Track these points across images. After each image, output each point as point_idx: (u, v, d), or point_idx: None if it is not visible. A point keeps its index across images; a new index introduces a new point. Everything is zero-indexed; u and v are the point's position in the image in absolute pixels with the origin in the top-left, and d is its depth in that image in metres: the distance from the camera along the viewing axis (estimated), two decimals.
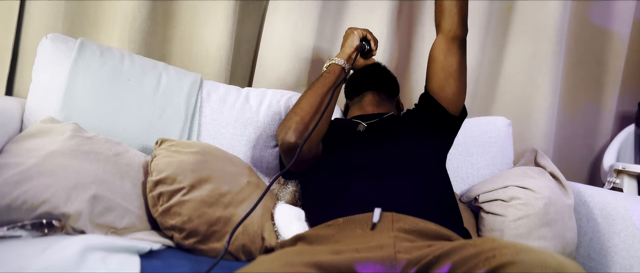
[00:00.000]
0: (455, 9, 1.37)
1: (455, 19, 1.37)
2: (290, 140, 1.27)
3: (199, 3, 1.80)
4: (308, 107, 1.31)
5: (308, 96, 1.34)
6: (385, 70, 1.66)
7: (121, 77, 1.42)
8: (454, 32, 1.37)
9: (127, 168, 1.19)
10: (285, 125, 1.30)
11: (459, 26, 1.37)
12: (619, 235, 1.43)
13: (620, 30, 2.24)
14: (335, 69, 1.39)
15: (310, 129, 1.27)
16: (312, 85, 1.37)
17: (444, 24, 1.39)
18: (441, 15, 1.40)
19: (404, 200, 1.21)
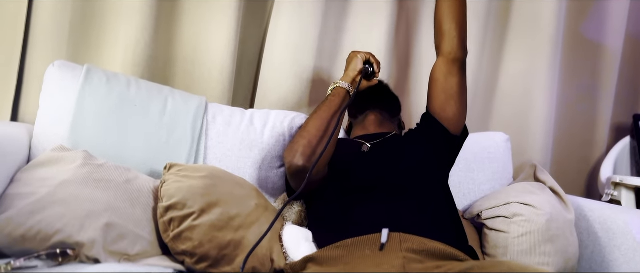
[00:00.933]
0: (455, 32, 1.40)
1: (455, 42, 1.40)
2: (298, 163, 1.29)
3: (201, 26, 1.82)
4: (315, 131, 1.33)
5: (314, 120, 1.36)
6: (387, 90, 1.69)
7: (128, 102, 1.44)
8: (454, 55, 1.41)
9: (137, 195, 1.21)
10: (292, 149, 1.32)
11: (459, 49, 1.41)
12: (619, 248, 1.45)
13: (612, 44, 2.29)
14: (341, 92, 1.41)
15: (318, 153, 1.29)
16: (318, 109, 1.39)
17: (444, 47, 1.42)
18: (441, 38, 1.44)
19: (410, 220, 1.23)
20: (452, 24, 1.41)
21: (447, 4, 1.42)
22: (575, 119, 2.32)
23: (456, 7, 1.42)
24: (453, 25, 1.41)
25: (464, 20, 1.43)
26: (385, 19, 1.97)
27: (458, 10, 1.42)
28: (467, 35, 1.43)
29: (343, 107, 1.39)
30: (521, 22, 2.16)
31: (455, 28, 1.41)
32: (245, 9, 1.90)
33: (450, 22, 1.41)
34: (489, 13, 2.09)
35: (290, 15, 1.87)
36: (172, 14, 1.81)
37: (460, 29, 1.41)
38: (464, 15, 1.44)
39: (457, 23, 1.41)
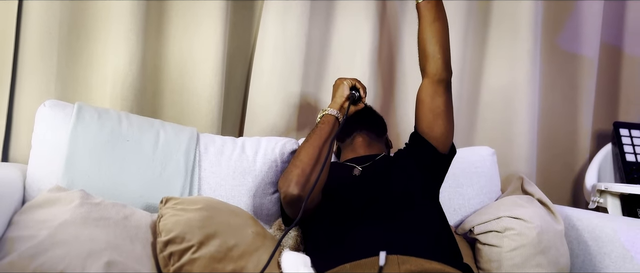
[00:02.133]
0: (439, 54, 1.44)
1: (439, 63, 1.44)
2: (293, 193, 1.31)
3: (187, 55, 1.84)
4: (307, 159, 1.35)
5: (306, 148, 1.38)
6: (371, 111, 1.72)
7: (120, 138, 1.45)
8: (439, 76, 1.45)
9: (136, 231, 1.22)
10: (287, 178, 1.34)
11: (444, 70, 1.45)
12: (609, 256, 1.49)
13: (589, 53, 2.35)
14: (330, 120, 1.44)
15: (312, 181, 1.31)
16: (309, 137, 1.41)
17: (429, 69, 1.46)
18: (425, 60, 1.47)
19: (406, 241, 1.26)
20: (435, 46, 1.45)
21: (430, 27, 1.46)
22: (558, 129, 2.37)
23: (439, 29, 1.46)
24: (436, 48, 1.45)
25: (446, 42, 1.47)
26: (367, 44, 2.01)
27: (441, 33, 1.46)
28: (450, 55, 1.47)
29: (333, 134, 1.41)
30: (499, 37, 2.21)
31: (439, 50, 1.45)
32: (230, 37, 1.93)
33: (434, 45, 1.45)
34: (467, 29, 2.15)
35: (275, 41, 1.90)
36: (158, 45, 1.83)
37: (443, 50, 1.45)
38: (447, 37, 1.48)
39: (440, 45, 1.45)
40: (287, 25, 1.90)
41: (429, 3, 1.46)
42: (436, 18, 1.46)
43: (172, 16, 1.84)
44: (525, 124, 2.17)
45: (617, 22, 2.52)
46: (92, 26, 1.75)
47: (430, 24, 1.46)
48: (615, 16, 2.51)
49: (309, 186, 1.31)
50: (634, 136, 2.24)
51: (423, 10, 1.47)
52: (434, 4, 1.46)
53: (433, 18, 1.46)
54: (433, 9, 1.46)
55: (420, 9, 1.48)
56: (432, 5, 1.46)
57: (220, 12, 1.81)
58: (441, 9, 1.48)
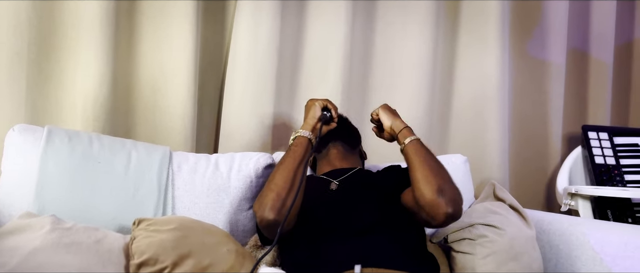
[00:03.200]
0: (441, 197, 1.30)
1: (443, 208, 1.29)
2: (269, 217, 1.31)
3: (159, 73, 1.84)
4: (282, 183, 1.35)
5: (281, 171, 1.38)
6: (346, 122, 1.74)
7: (92, 160, 1.44)
8: (445, 221, 1.32)
9: (108, 255, 1.21)
10: (262, 203, 1.33)
11: (453, 215, 1.30)
12: (580, 259, 1.52)
13: (556, 59, 2.41)
14: (303, 142, 1.44)
15: (288, 205, 1.31)
16: (283, 160, 1.41)
17: (435, 217, 1.31)
18: (427, 210, 1.31)
19: (381, 254, 1.27)
20: (434, 187, 1.30)
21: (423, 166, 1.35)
22: (529, 134, 2.42)
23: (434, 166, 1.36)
24: (435, 188, 1.30)
25: (447, 176, 1.36)
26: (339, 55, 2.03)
27: (439, 169, 1.36)
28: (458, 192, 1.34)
29: (307, 157, 1.42)
30: (469, 46, 2.26)
31: (441, 189, 1.30)
32: (202, 52, 1.93)
33: (432, 186, 1.31)
34: (436, 39, 2.18)
35: (247, 55, 1.91)
36: (128, 63, 1.82)
37: (448, 188, 1.32)
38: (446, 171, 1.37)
39: (442, 182, 1.32)
40: (258, 38, 1.91)
41: (418, 143, 1.41)
42: (428, 156, 1.38)
43: (142, 33, 1.83)
44: (497, 131, 2.21)
45: (583, 28, 2.58)
46: (61, 46, 1.73)
47: (424, 162, 1.36)
48: (581, 21, 2.57)
49: (285, 210, 1.31)
50: (601, 138, 2.29)
51: (411, 150, 1.39)
52: (420, 143, 1.42)
53: (425, 156, 1.37)
54: (422, 148, 1.40)
55: (408, 152, 1.39)
56: (420, 145, 1.41)
57: (191, 27, 1.81)
58: (428, 149, 1.41)
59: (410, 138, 1.41)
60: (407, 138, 1.42)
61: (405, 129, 1.46)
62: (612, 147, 2.29)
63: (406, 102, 2.14)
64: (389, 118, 1.51)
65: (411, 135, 1.43)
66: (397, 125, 1.48)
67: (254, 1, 1.90)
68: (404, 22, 2.17)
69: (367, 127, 2.13)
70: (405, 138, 1.43)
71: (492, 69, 2.20)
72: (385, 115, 1.52)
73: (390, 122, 1.50)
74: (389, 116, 1.51)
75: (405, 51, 2.17)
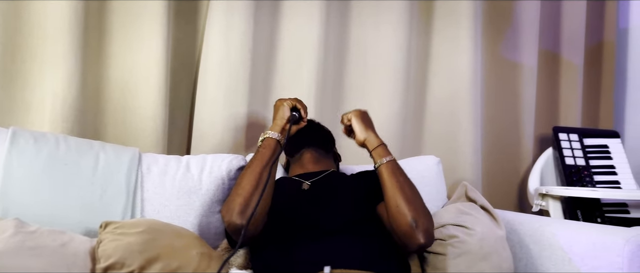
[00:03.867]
0: (415, 226, 1.31)
1: (418, 237, 1.31)
2: (236, 222, 1.29)
3: (129, 74, 1.81)
4: (249, 187, 1.34)
5: (248, 175, 1.37)
6: (319, 127, 1.73)
7: (58, 162, 1.41)
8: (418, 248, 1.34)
9: (74, 259, 1.18)
10: (229, 207, 1.32)
11: (424, 243, 1.32)
12: (549, 259, 1.54)
13: (528, 61, 2.44)
14: (271, 143, 1.43)
15: (253, 208, 1.30)
16: (251, 163, 1.40)
17: (408, 243, 1.33)
18: (402, 236, 1.33)
19: (352, 255, 1.27)
20: (411, 213, 1.33)
21: (401, 192, 1.36)
22: (501, 135, 2.45)
23: (409, 193, 1.36)
24: (411, 214, 1.32)
25: (421, 203, 1.37)
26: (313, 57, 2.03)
27: (414, 194, 1.37)
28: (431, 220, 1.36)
29: (274, 158, 1.41)
30: (441, 48, 2.27)
31: (416, 217, 1.32)
32: (174, 53, 1.91)
33: (411, 212, 1.33)
34: (410, 41, 2.19)
35: (220, 56, 1.89)
36: (98, 64, 1.79)
37: (422, 215, 1.33)
38: (420, 198, 1.38)
39: (417, 211, 1.33)
40: (231, 38, 1.89)
41: (393, 164, 1.40)
42: (402, 181, 1.38)
43: (112, 33, 1.80)
44: (470, 132, 2.23)
45: (554, 30, 2.62)
46: (28, 46, 1.69)
47: (399, 189, 1.35)
48: (552, 24, 2.61)
49: (250, 214, 1.30)
50: (572, 140, 2.33)
51: (385, 172, 1.39)
52: (396, 164, 1.41)
53: (399, 181, 1.37)
54: (397, 170, 1.40)
55: (382, 173, 1.39)
56: (396, 166, 1.40)
57: (162, 28, 1.79)
58: (402, 171, 1.41)
59: (385, 159, 1.41)
60: (382, 158, 1.41)
61: (380, 147, 1.44)
62: (582, 148, 2.32)
63: (380, 103, 2.15)
64: (363, 131, 1.49)
65: (387, 154, 1.42)
66: (372, 140, 1.47)
67: (226, 1, 1.88)
68: (377, 22, 2.17)
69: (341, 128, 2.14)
70: (379, 157, 1.42)
71: (464, 69, 2.22)
72: (359, 125, 1.50)
73: (365, 135, 1.48)
74: (363, 128, 1.50)
75: (379, 52, 2.17)
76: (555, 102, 2.63)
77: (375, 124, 2.09)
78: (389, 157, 1.41)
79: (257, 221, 1.32)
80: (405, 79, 2.18)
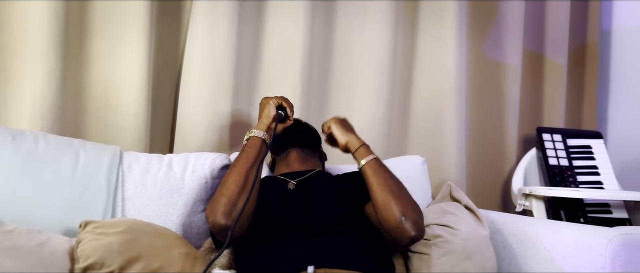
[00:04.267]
0: (404, 220, 1.31)
1: (407, 231, 1.30)
2: (220, 222, 1.27)
3: (111, 71, 1.79)
4: (234, 187, 1.32)
5: (233, 175, 1.34)
6: (306, 126, 1.72)
7: (37, 160, 1.39)
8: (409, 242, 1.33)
9: (51, 258, 1.16)
10: (214, 208, 1.29)
11: (415, 236, 1.31)
12: (533, 258, 1.54)
13: (512, 61, 2.45)
14: (257, 142, 1.41)
15: (239, 209, 1.28)
16: (236, 162, 1.37)
17: (398, 238, 1.33)
18: (392, 231, 1.33)
19: (335, 255, 1.26)
20: (397, 209, 1.31)
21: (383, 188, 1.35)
22: (485, 135, 2.45)
23: (395, 188, 1.36)
24: (398, 209, 1.31)
25: (408, 197, 1.36)
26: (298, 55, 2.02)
27: (399, 190, 1.36)
28: (420, 213, 1.34)
29: (260, 158, 1.39)
30: (427, 49, 2.27)
31: (404, 212, 1.31)
32: (156, 50, 1.88)
33: (396, 208, 1.32)
34: (396, 41, 2.19)
35: (204, 54, 1.87)
36: (79, 61, 1.76)
37: (411, 210, 1.32)
38: (406, 192, 1.37)
39: (403, 205, 1.32)
40: (215, 37, 1.87)
41: (376, 163, 1.39)
42: (387, 177, 1.37)
43: (94, 31, 1.78)
44: (455, 132, 2.23)
45: (538, 30, 2.63)
46: (6, 44, 1.66)
47: (385, 185, 1.35)
48: (537, 24, 2.62)
49: (237, 214, 1.28)
50: (555, 140, 2.34)
51: (369, 171, 1.38)
52: (378, 162, 1.40)
53: (384, 178, 1.36)
54: (380, 168, 1.39)
55: (366, 173, 1.38)
56: (379, 164, 1.39)
57: (145, 25, 1.77)
58: (386, 168, 1.40)
59: (367, 159, 1.40)
60: (364, 157, 1.40)
61: (362, 147, 1.43)
62: (566, 148, 2.34)
63: (366, 103, 2.15)
64: (343, 134, 1.48)
65: (369, 154, 1.41)
66: (353, 142, 1.45)
67: (210, 0, 1.86)
68: (363, 22, 2.17)
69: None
70: (362, 157, 1.41)
71: (450, 69, 2.22)
72: (339, 130, 1.49)
73: (346, 138, 1.47)
74: (343, 131, 1.49)
75: (365, 51, 2.17)
76: (539, 103, 2.64)
77: (361, 123, 2.11)
78: (371, 156, 1.40)
79: (242, 222, 1.31)
80: (391, 79, 2.18)
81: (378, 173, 1.37)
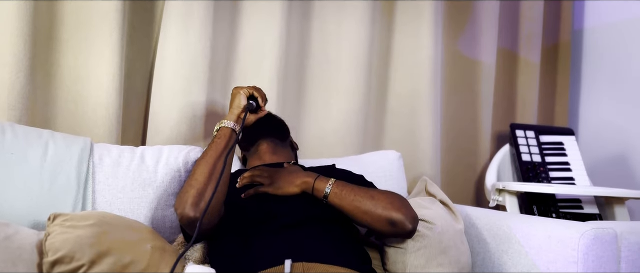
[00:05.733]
0: (390, 224, 1.33)
1: (398, 228, 1.34)
2: (189, 214, 1.26)
3: (82, 62, 1.74)
4: (203, 178, 1.30)
5: (202, 166, 1.32)
6: (271, 116, 1.70)
7: (3, 151, 1.34)
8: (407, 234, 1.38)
9: (19, 252, 1.12)
10: (182, 199, 1.28)
11: (409, 230, 1.35)
12: (506, 252, 1.56)
13: (487, 59, 2.47)
14: (226, 133, 1.39)
15: (207, 199, 1.26)
16: (205, 153, 1.35)
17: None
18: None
19: (312, 248, 1.25)
20: (381, 218, 1.33)
21: (360, 208, 1.34)
22: (459, 131, 2.47)
23: (369, 205, 1.34)
24: (384, 219, 1.33)
25: (389, 201, 1.35)
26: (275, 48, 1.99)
27: (376, 203, 1.34)
28: (408, 207, 1.36)
29: (230, 147, 1.37)
30: (403, 45, 2.28)
31: (389, 220, 1.33)
32: (128, 40, 1.84)
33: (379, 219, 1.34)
34: (372, 36, 2.18)
35: (177, 45, 1.83)
36: (48, 50, 1.71)
37: (395, 214, 1.33)
38: (386, 198, 1.36)
39: (385, 213, 1.33)
40: (190, 28, 1.83)
41: (337, 187, 1.36)
42: (354, 195, 1.34)
43: (63, 18, 1.72)
44: (429, 128, 2.24)
45: (512, 28, 2.66)
46: None
47: (358, 207, 1.33)
48: (511, 22, 2.65)
49: (204, 206, 1.26)
50: (528, 137, 2.37)
51: (335, 200, 1.35)
52: (338, 185, 1.36)
53: (350, 199, 1.34)
54: (343, 191, 1.35)
55: (334, 202, 1.35)
56: (340, 187, 1.36)
57: (117, 14, 1.72)
58: (349, 187, 1.37)
59: (327, 189, 1.35)
60: (323, 189, 1.36)
61: (317, 181, 1.38)
62: (538, 145, 2.37)
63: (342, 97, 2.14)
64: (290, 184, 1.41)
65: (324, 183, 1.37)
66: (306, 181, 1.39)
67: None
68: (340, 17, 2.16)
69: (305, 119, 2.12)
70: (321, 192, 1.36)
71: (425, 65, 2.23)
72: (286, 183, 1.41)
73: (299, 182, 1.39)
74: (289, 181, 1.41)
75: (342, 46, 2.15)
76: (513, 100, 2.67)
77: (337, 118, 2.10)
78: (328, 185, 1.36)
79: (211, 214, 1.28)
80: (367, 74, 2.17)
81: (346, 198, 1.34)
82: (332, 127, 2.14)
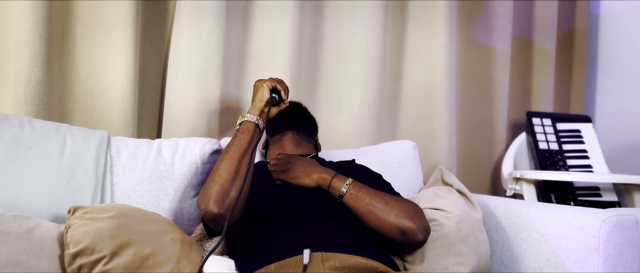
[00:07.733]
0: (405, 232, 1.31)
1: (413, 237, 1.31)
2: (212, 210, 1.26)
3: (97, 56, 1.74)
4: (226, 174, 1.30)
5: (226, 161, 1.32)
6: (305, 112, 1.70)
7: (22, 145, 1.35)
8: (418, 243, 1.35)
9: (41, 244, 1.13)
10: (206, 195, 1.28)
11: (421, 239, 1.32)
12: (525, 241, 1.55)
13: (501, 47, 2.44)
14: (250, 127, 1.38)
15: (233, 198, 1.26)
16: (228, 148, 1.35)
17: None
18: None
19: (330, 238, 1.25)
20: (396, 226, 1.31)
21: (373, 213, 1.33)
22: (475, 120, 2.45)
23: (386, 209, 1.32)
24: (397, 227, 1.31)
25: (403, 208, 1.33)
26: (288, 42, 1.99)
27: (392, 209, 1.32)
28: (420, 216, 1.33)
29: (254, 144, 1.36)
30: (417, 33, 2.26)
31: (402, 226, 1.30)
32: (142, 33, 1.84)
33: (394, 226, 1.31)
34: (386, 26, 2.17)
35: (191, 39, 1.82)
36: (64, 45, 1.71)
37: (410, 220, 1.31)
38: (400, 205, 1.34)
39: (399, 218, 1.31)
40: (203, 22, 1.83)
41: (353, 188, 1.35)
42: (370, 198, 1.33)
43: (78, 13, 1.73)
44: (445, 117, 2.23)
45: (527, 16, 2.63)
46: None
47: (372, 211, 1.32)
48: (525, 9, 2.62)
49: (230, 202, 1.26)
50: (545, 125, 2.35)
51: (350, 201, 1.34)
52: (355, 186, 1.36)
53: (365, 203, 1.33)
54: (360, 191, 1.35)
55: (349, 203, 1.35)
56: (356, 188, 1.35)
57: (131, 9, 1.72)
58: (366, 189, 1.35)
59: (343, 189, 1.35)
60: (340, 189, 1.35)
61: (334, 179, 1.37)
62: (555, 132, 2.35)
63: (356, 88, 2.13)
64: (306, 176, 1.41)
65: (341, 182, 1.36)
66: (323, 177, 1.39)
67: None
68: (352, 7, 2.14)
69: (319, 111, 2.11)
70: (337, 190, 1.36)
71: (440, 54, 2.21)
72: (303, 174, 1.41)
73: (316, 176, 1.39)
74: (306, 173, 1.41)
75: (355, 37, 2.14)
76: (528, 88, 2.65)
77: (351, 109, 2.09)
78: (345, 184, 1.35)
79: (236, 209, 1.28)
80: (381, 64, 2.16)
81: (361, 201, 1.33)
82: (347, 119, 2.13)
